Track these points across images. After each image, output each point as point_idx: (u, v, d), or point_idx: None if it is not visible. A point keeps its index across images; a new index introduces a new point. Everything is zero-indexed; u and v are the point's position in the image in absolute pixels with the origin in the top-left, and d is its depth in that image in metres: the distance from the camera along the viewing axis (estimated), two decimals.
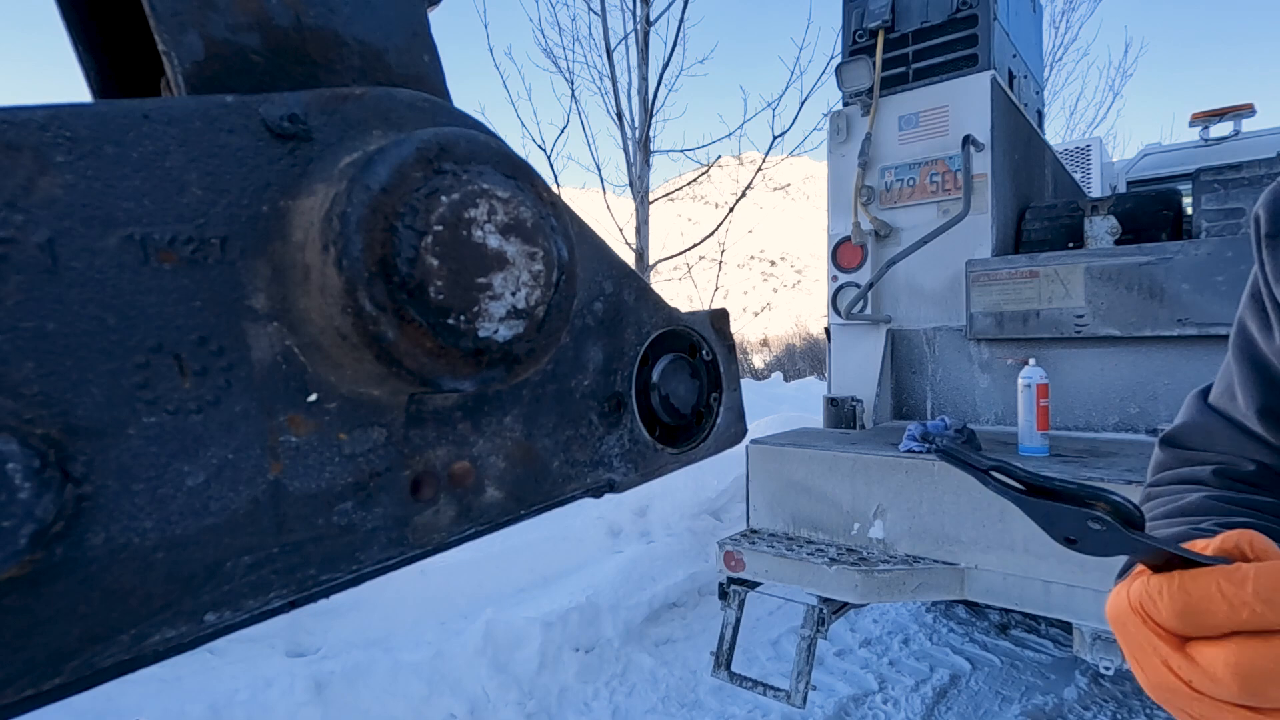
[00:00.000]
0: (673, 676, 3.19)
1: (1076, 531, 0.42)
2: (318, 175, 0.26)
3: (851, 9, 3.45)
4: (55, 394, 0.20)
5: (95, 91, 0.32)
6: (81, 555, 0.21)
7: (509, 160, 0.28)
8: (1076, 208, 3.18)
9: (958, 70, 3.18)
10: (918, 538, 2.27)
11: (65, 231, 0.21)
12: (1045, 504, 0.43)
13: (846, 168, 3.36)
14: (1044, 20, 4.92)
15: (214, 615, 0.24)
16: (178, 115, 0.23)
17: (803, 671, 2.32)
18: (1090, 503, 0.42)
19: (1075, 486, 0.42)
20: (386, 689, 2.77)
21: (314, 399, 0.26)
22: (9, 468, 0.19)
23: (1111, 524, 0.41)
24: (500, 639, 3.08)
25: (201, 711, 2.48)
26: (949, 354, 3.18)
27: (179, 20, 0.26)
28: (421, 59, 0.33)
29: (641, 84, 8.09)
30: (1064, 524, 0.43)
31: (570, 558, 3.99)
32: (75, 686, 0.21)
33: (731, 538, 2.57)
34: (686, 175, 10.09)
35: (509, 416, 0.32)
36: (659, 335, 0.40)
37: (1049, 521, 0.43)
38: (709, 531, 4.35)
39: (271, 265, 0.25)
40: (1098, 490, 0.42)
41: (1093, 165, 6.07)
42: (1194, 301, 2.48)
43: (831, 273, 3.41)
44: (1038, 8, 3.99)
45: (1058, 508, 0.42)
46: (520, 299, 0.27)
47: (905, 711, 2.96)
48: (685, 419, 0.41)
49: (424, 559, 0.31)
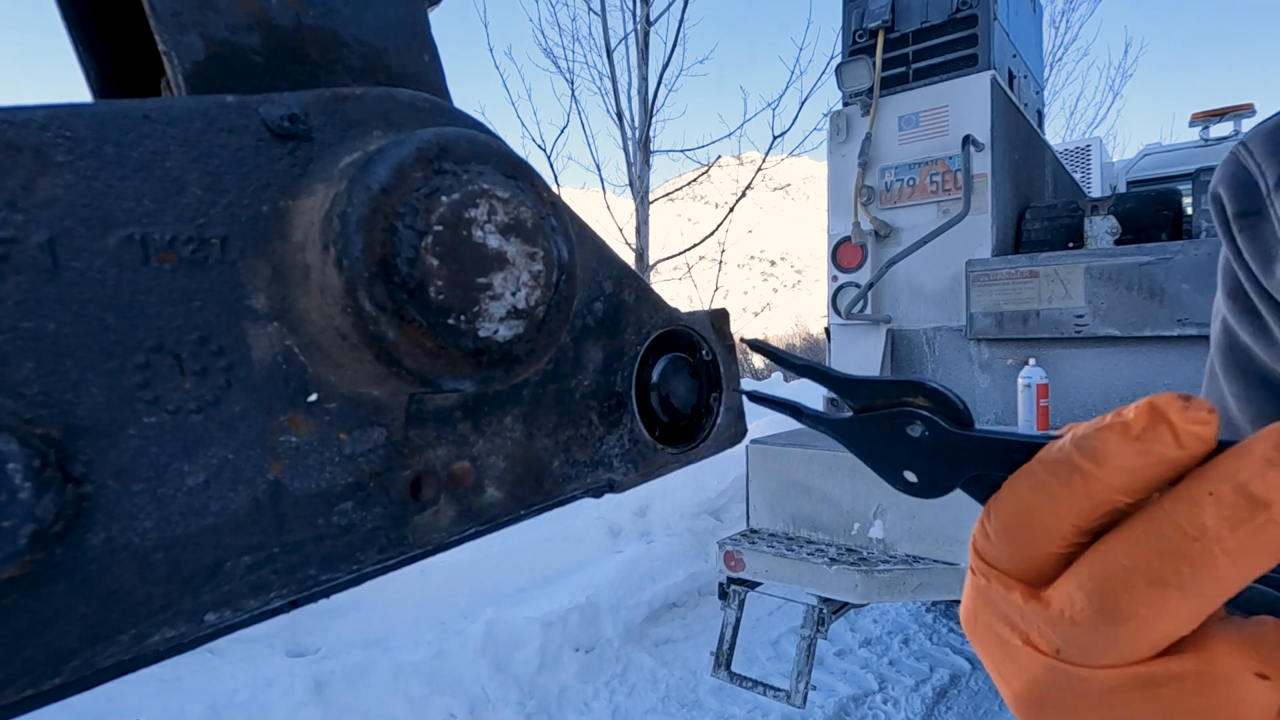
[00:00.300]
0: (673, 676, 3.19)
1: (905, 454, 0.32)
2: (318, 175, 0.26)
3: (851, 9, 3.45)
4: (55, 394, 0.20)
5: (95, 91, 0.32)
6: (81, 555, 0.21)
7: (509, 160, 0.28)
8: (1076, 208, 3.18)
9: (958, 70, 3.18)
10: (918, 538, 2.27)
11: (65, 231, 0.21)
12: (866, 425, 0.34)
13: (846, 168, 3.36)
14: (1044, 20, 4.92)
15: (214, 615, 0.24)
16: (178, 115, 0.23)
17: (803, 671, 2.32)
18: (906, 401, 0.32)
19: (888, 382, 0.33)
20: (386, 689, 2.77)
21: (314, 399, 0.26)
22: (9, 468, 0.19)
23: (935, 421, 0.31)
24: (500, 639, 3.08)
25: (201, 711, 2.48)
26: (949, 354, 3.18)
27: (179, 20, 0.26)
28: (421, 59, 0.33)
29: (641, 84, 8.09)
30: (894, 452, 0.33)
31: (570, 558, 3.99)
32: (75, 686, 0.21)
33: (731, 538, 2.57)
34: (686, 175, 10.10)
35: (509, 416, 0.32)
36: (659, 335, 0.40)
37: (876, 454, 0.33)
38: (709, 531, 4.35)
39: (271, 265, 0.25)
40: (914, 380, 0.32)
41: (1093, 165, 6.07)
42: (1194, 301, 2.48)
43: (831, 273, 3.41)
44: (1038, 8, 3.99)
45: (878, 427, 0.33)
46: (520, 299, 0.28)
47: (905, 711, 2.96)
48: (685, 419, 0.41)
49: (424, 559, 0.31)
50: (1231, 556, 0.21)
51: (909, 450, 0.32)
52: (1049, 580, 0.25)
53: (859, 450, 0.35)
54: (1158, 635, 0.23)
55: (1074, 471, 0.23)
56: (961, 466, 0.31)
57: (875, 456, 0.34)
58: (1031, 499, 0.25)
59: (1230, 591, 0.22)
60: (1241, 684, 0.22)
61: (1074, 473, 0.23)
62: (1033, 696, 0.26)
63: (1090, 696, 0.24)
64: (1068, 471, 0.24)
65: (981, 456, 0.30)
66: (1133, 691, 0.23)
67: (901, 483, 0.33)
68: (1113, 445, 0.23)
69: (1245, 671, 0.22)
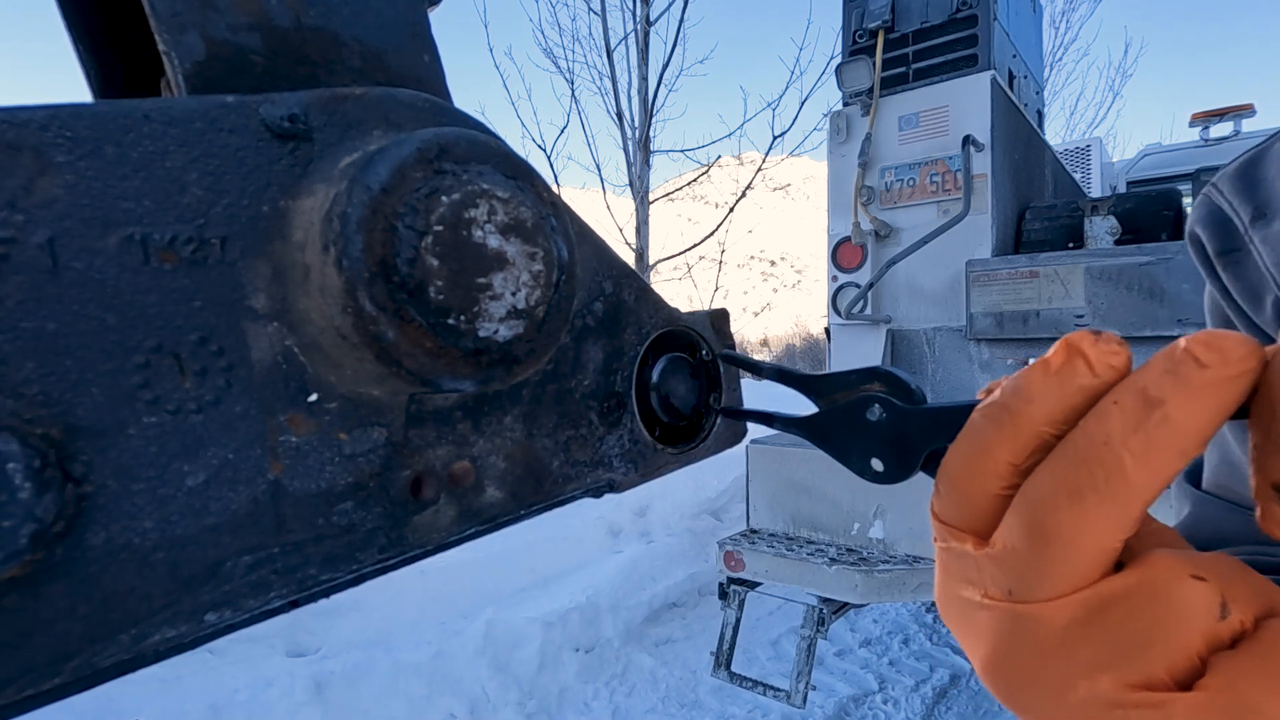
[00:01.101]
0: (673, 676, 3.19)
1: (868, 441, 0.33)
2: (318, 175, 0.26)
3: (851, 9, 3.45)
4: (56, 394, 0.20)
5: (95, 91, 0.32)
6: (82, 555, 0.21)
7: (509, 160, 0.28)
8: (1076, 208, 3.18)
9: (958, 70, 3.18)
10: (918, 538, 2.27)
11: (65, 232, 0.21)
12: (829, 419, 0.35)
13: (846, 168, 3.36)
14: (1044, 20, 4.92)
15: (214, 615, 0.24)
16: (178, 115, 0.23)
17: (803, 671, 2.32)
18: (863, 389, 0.34)
19: (846, 373, 0.34)
20: (386, 689, 2.77)
21: (314, 399, 0.26)
22: (9, 468, 0.19)
23: (890, 401, 0.33)
24: (500, 639, 3.08)
25: (201, 711, 2.48)
26: (949, 354, 3.18)
27: (179, 20, 0.26)
28: (421, 59, 0.33)
29: (641, 84, 8.10)
30: (858, 441, 0.34)
31: (570, 558, 3.99)
32: (75, 686, 0.21)
33: (731, 538, 2.57)
34: (686, 175, 10.10)
35: (509, 416, 0.32)
36: (659, 335, 0.40)
37: (843, 446, 0.34)
38: (709, 531, 4.35)
39: (271, 265, 0.25)
40: (870, 368, 0.34)
41: (1093, 165, 6.07)
42: (1194, 301, 2.48)
43: (831, 273, 3.41)
44: (1038, 8, 3.99)
45: (840, 418, 0.34)
46: (520, 299, 0.28)
47: (905, 711, 2.96)
48: (685, 419, 0.41)
49: (424, 559, 0.31)
50: (1136, 457, 0.22)
51: (871, 436, 0.33)
52: (997, 526, 0.26)
53: (827, 446, 0.35)
54: (1088, 551, 0.23)
55: (1003, 411, 0.25)
56: (919, 442, 0.32)
57: (842, 449, 0.35)
58: (970, 446, 0.27)
59: (1144, 495, 0.22)
60: (1181, 588, 0.23)
61: (1003, 413, 0.25)
62: (998, 658, 0.26)
63: (1048, 644, 0.24)
64: (998, 413, 0.25)
65: (935, 429, 0.31)
66: (1083, 626, 0.24)
67: (870, 472, 0.34)
68: (1036, 382, 0.24)
69: (1182, 575, 0.23)
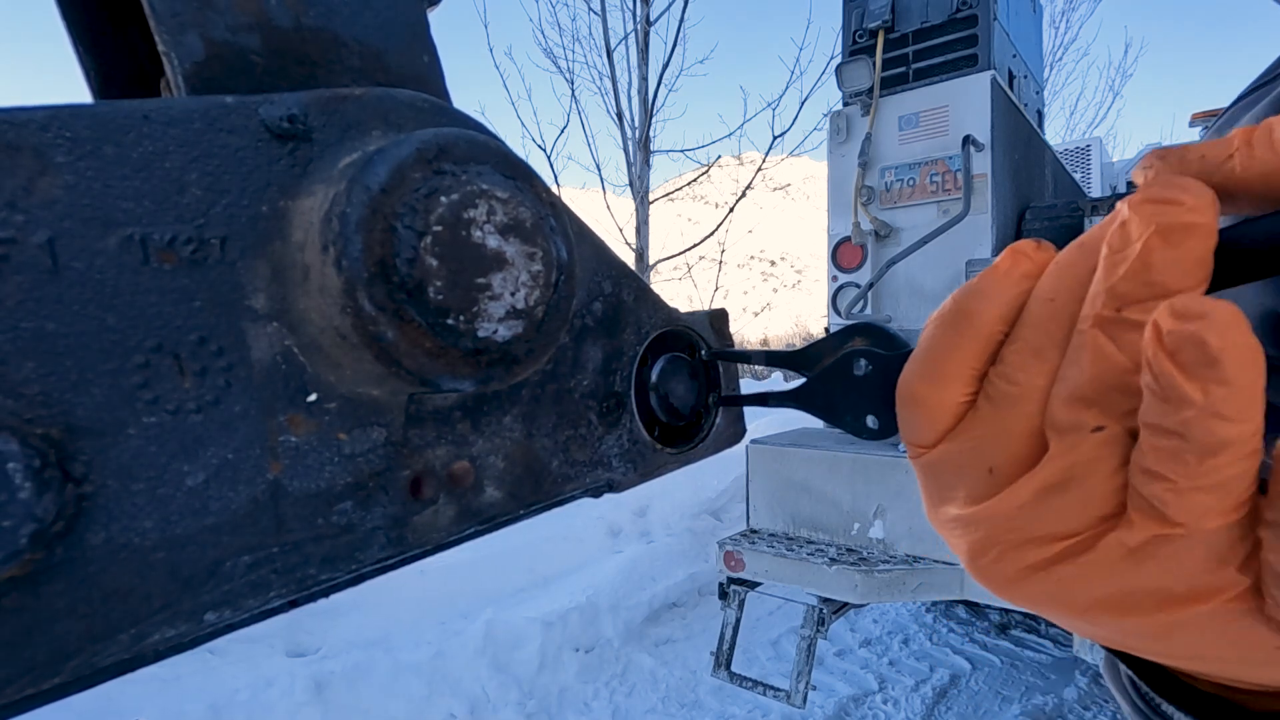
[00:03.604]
0: (673, 676, 3.19)
1: (859, 398, 0.33)
2: (317, 175, 0.26)
3: (851, 9, 3.45)
4: (55, 394, 0.20)
5: (95, 92, 0.32)
6: (81, 555, 0.21)
7: (508, 160, 0.28)
8: (1076, 208, 3.18)
9: (958, 70, 3.17)
10: (918, 538, 2.27)
11: (65, 232, 0.21)
12: (820, 383, 0.35)
13: (846, 168, 3.35)
14: (1044, 20, 4.92)
15: (214, 615, 0.24)
16: (178, 116, 0.23)
17: (803, 671, 2.32)
18: (847, 347, 0.34)
19: (829, 337, 0.35)
20: (386, 689, 2.77)
21: (314, 399, 0.26)
22: (9, 467, 0.19)
23: (873, 352, 0.33)
24: (500, 639, 3.09)
25: (201, 711, 2.49)
26: None
27: (179, 21, 0.26)
28: (421, 59, 0.33)
29: (641, 84, 8.10)
30: (850, 400, 0.34)
31: (570, 558, 3.99)
32: (75, 686, 0.21)
33: (731, 538, 2.57)
34: (686, 175, 10.10)
35: (508, 416, 0.32)
36: (658, 335, 0.40)
37: (836, 408, 0.34)
38: (709, 531, 4.35)
39: (271, 265, 0.25)
40: (851, 324, 0.35)
41: (1093, 165, 6.07)
42: None
43: (831, 273, 3.41)
44: (1038, 8, 3.99)
45: (830, 380, 0.34)
46: (519, 299, 0.28)
47: (905, 711, 2.96)
48: (684, 419, 0.41)
49: (424, 559, 0.31)
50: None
51: (861, 393, 0.34)
52: None
53: (820, 411, 0.36)
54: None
55: (959, 315, 0.27)
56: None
57: (836, 411, 0.35)
58: (931, 355, 0.28)
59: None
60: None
61: (960, 316, 0.27)
62: (980, 545, 0.27)
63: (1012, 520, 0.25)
64: (954, 318, 0.27)
65: None
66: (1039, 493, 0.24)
67: (866, 431, 0.34)
68: (987, 283, 0.27)
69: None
